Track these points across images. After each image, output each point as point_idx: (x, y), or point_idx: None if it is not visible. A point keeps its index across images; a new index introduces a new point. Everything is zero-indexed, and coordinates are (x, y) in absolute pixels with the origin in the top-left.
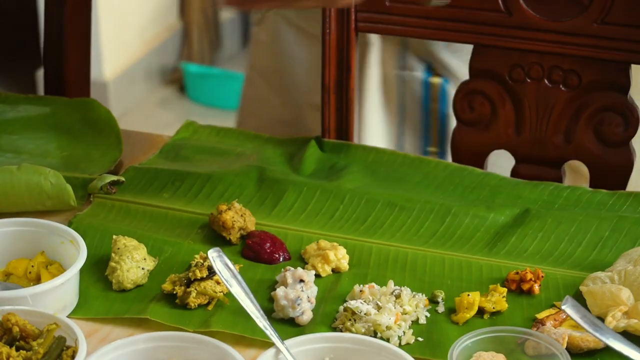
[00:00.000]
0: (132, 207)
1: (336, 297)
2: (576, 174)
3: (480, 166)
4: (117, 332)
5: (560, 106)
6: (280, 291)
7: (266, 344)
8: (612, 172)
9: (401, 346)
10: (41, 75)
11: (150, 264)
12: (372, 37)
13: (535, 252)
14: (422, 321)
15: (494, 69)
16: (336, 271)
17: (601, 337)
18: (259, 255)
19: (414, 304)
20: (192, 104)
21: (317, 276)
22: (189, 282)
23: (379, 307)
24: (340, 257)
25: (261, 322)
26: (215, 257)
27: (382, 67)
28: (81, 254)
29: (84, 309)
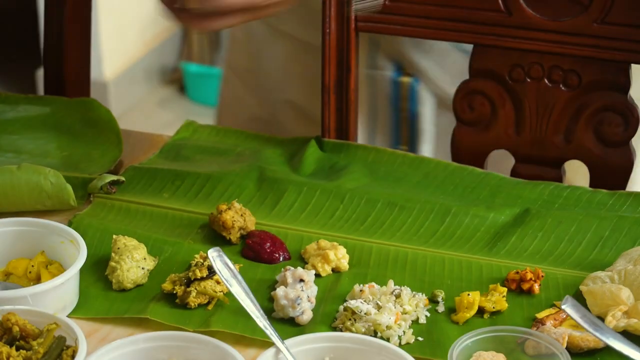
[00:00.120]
0: (132, 207)
1: (336, 297)
2: (576, 173)
3: (480, 166)
4: (117, 331)
5: (560, 106)
6: (280, 291)
7: (266, 343)
8: (612, 172)
9: (401, 346)
10: (41, 75)
11: (150, 263)
12: None
13: (535, 252)
14: (422, 321)
15: (494, 68)
16: (336, 271)
17: (601, 337)
18: (259, 255)
19: (414, 303)
20: (192, 104)
21: (317, 276)
22: (189, 282)
23: (379, 307)
24: (340, 256)
25: (261, 321)
26: (215, 257)
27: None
28: (81, 254)
29: (84, 309)
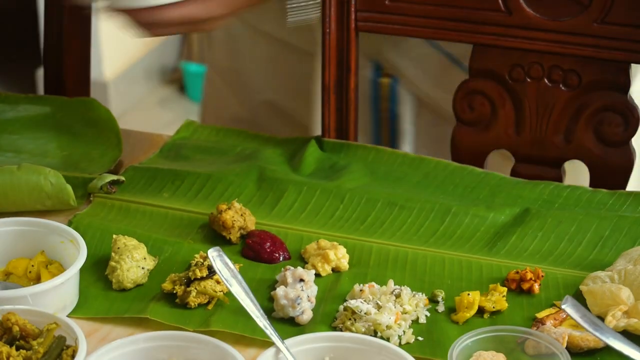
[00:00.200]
0: (132, 207)
1: (336, 297)
2: (576, 173)
3: (480, 166)
4: (117, 331)
5: (560, 106)
6: (280, 290)
7: (266, 343)
8: (612, 172)
9: (401, 345)
10: (41, 75)
11: (150, 263)
12: (318, 36)
13: (535, 252)
14: (422, 320)
15: (493, 68)
16: (336, 270)
17: (601, 337)
18: (259, 254)
19: (414, 303)
20: (192, 104)
21: (317, 275)
22: (189, 282)
23: (379, 307)
24: (340, 256)
25: (261, 321)
26: (215, 257)
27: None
28: (81, 254)
29: (84, 309)
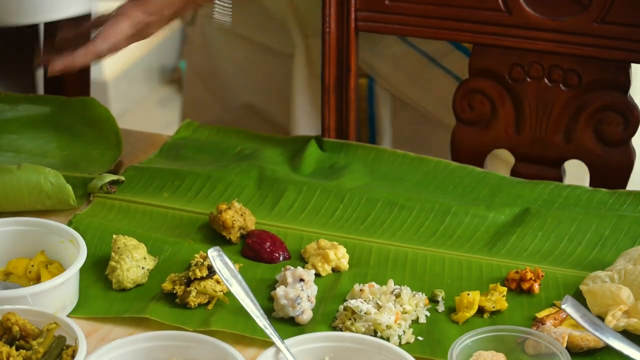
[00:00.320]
0: (132, 207)
1: (336, 297)
2: (576, 173)
3: (480, 166)
4: (117, 331)
5: (560, 105)
6: (280, 290)
7: (266, 343)
8: (612, 172)
9: (401, 345)
10: (41, 75)
11: (150, 263)
12: (296, 38)
13: (535, 251)
14: (422, 320)
15: (493, 68)
16: (336, 270)
17: (601, 336)
18: (259, 254)
19: (414, 303)
20: None
21: (317, 275)
22: (189, 282)
23: (379, 307)
24: (340, 256)
25: (261, 321)
26: (215, 257)
27: (309, 68)
28: (81, 254)
29: (83, 309)
